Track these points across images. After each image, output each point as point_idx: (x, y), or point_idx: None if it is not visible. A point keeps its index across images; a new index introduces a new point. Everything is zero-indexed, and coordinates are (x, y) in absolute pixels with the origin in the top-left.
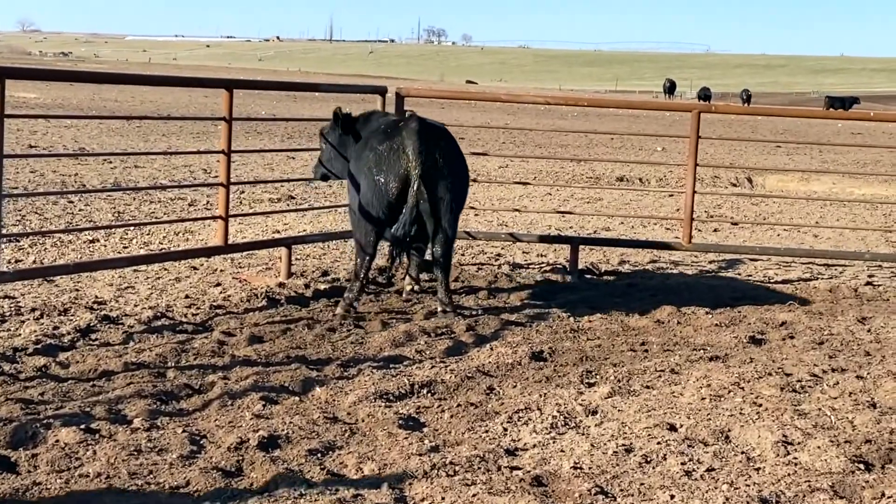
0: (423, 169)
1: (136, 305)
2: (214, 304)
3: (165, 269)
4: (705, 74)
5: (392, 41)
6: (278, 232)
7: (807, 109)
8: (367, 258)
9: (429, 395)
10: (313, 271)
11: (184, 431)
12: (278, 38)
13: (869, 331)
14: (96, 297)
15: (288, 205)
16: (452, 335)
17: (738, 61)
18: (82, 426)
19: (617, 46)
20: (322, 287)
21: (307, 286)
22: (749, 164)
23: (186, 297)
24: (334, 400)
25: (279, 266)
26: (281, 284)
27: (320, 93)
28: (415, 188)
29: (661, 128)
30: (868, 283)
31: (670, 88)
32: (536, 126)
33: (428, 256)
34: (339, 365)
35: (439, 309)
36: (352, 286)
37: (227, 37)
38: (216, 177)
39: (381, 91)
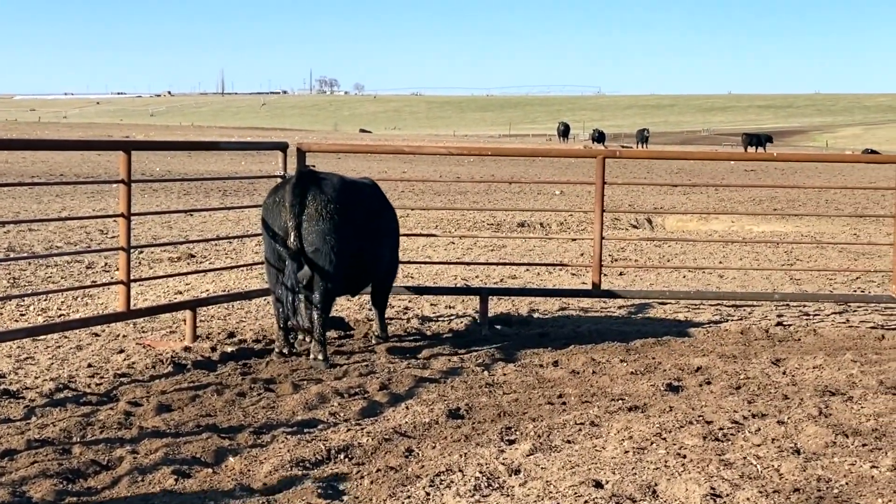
0: (298, 220)
1: (36, 377)
2: (119, 372)
3: (66, 337)
4: (597, 116)
5: (284, 92)
6: (181, 293)
7: (713, 152)
8: (279, 307)
9: (346, 460)
10: (219, 333)
11: None
12: (170, 92)
13: (784, 373)
14: None
15: (188, 263)
16: (366, 395)
17: (628, 102)
18: None
19: (508, 91)
20: (229, 350)
21: (214, 349)
22: (650, 206)
23: (89, 365)
24: (249, 470)
25: (184, 329)
26: (187, 348)
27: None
28: (291, 239)
29: (558, 171)
30: (778, 324)
31: (564, 132)
32: (433, 173)
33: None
34: (252, 432)
35: (310, 358)
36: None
37: (118, 93)
38: (114, 237)
39: (282, 147)
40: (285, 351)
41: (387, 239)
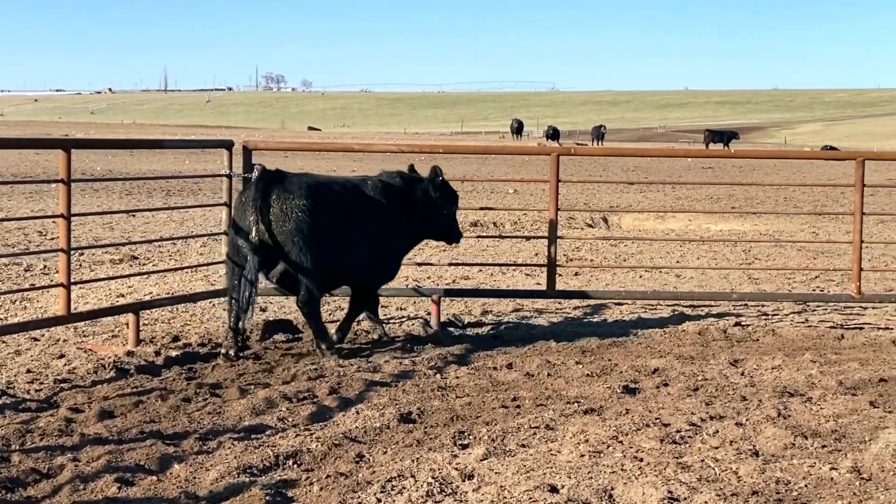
0: (259, 216)
1: None
2: (59, 377)
3: (4, 342)
4: (551, 112)
5: (230, 89)
6: (123, 296)
7: (670, 149)
8: (234, 305)
9: (295, 466)
10: (163, 337)
11: None
12: (110, 89)
13: (742, 374)
14: None
15: (131, 265)
16: (315, 399)
17: (583, 98)
18: None
19: (460, 87)
20: (173, 354)
21: (158, 353)
22: (605, 205)
23: (28, 371)
24: (194, 477)
25: (127, 333)
26: (130, 353)
27: (163, 149)
28: (252, 234)
29: (511, 169)
30: (737, 324)
31: (518, 129)
32: None
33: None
34: (198, 438)
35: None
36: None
37: (57, 90)
38: (53, 239)
39: (227, 145)
40: (231, 353)
41: (376, 240)
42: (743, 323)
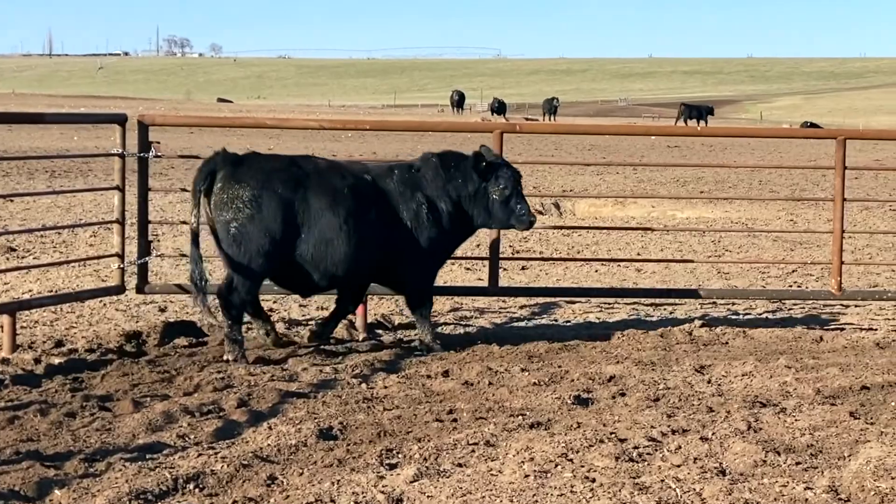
0: (197, 201)
1: None
2: None
3: None
4: (497, 83)
5: (126, 54)
6: None
7: (631, 125)
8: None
9: (197, 490)
10: (44, 342)
11: None
12: None
13: (709, 382)
14: None
15: (8, 259)
16: (221, 413)
17: (533, 67)
18: None
19: (393, 54)
20: (56, 361)
21: (38, 361)
22: (558, 189)
23: None
24: None
25: (1, 338)
26: (4, 360)
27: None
28: (191, 220)
29: (451, 147)
30: (703, 325)
31: (459, 101)
32: (303, 151)
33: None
34: (83, 459)
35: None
36: None
37: None
38: None
39: (120, 120)
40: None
41: (359, 234)
42: (710, 324)
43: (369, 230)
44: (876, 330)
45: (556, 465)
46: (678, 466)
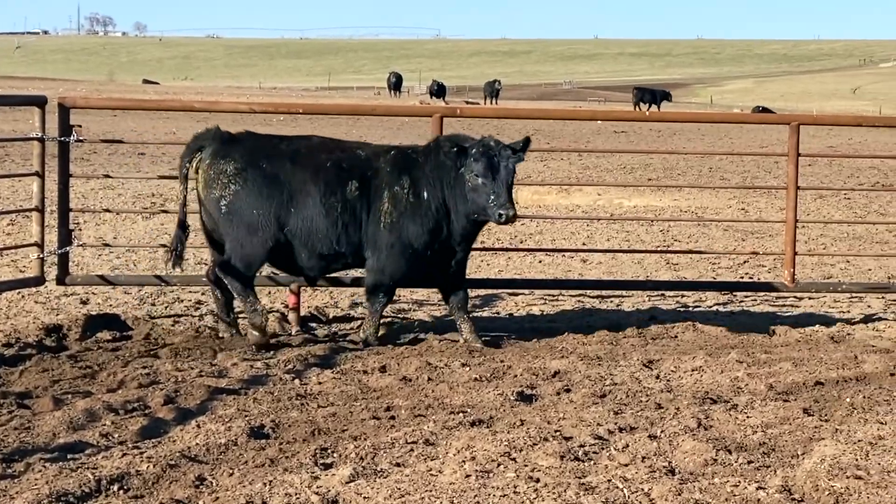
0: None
1: None
2: None
3: None
4: (436, 65)
5: (45, 33)
6: None
7: (576, 109)
8: None
9: (121, 492)
10: None
11: None
12: None
13: (658, 377)
14: None
15: None
16: (147, 411)
17: (474, 48)
18: None
19: (327, 33)
20: None
21: None
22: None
23: None
24: None
25: None
26: None
27: None
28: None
29: (388, 132)
30: (651, 318)
31: (396, 84)
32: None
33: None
34: (1, 460)
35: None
36: None
37: None
38: None
39: (40, 102)
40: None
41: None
42: (659, 317)
43: (350, 208)
44: (830, 324)
45: (499, 465)
46: (626, 466)
